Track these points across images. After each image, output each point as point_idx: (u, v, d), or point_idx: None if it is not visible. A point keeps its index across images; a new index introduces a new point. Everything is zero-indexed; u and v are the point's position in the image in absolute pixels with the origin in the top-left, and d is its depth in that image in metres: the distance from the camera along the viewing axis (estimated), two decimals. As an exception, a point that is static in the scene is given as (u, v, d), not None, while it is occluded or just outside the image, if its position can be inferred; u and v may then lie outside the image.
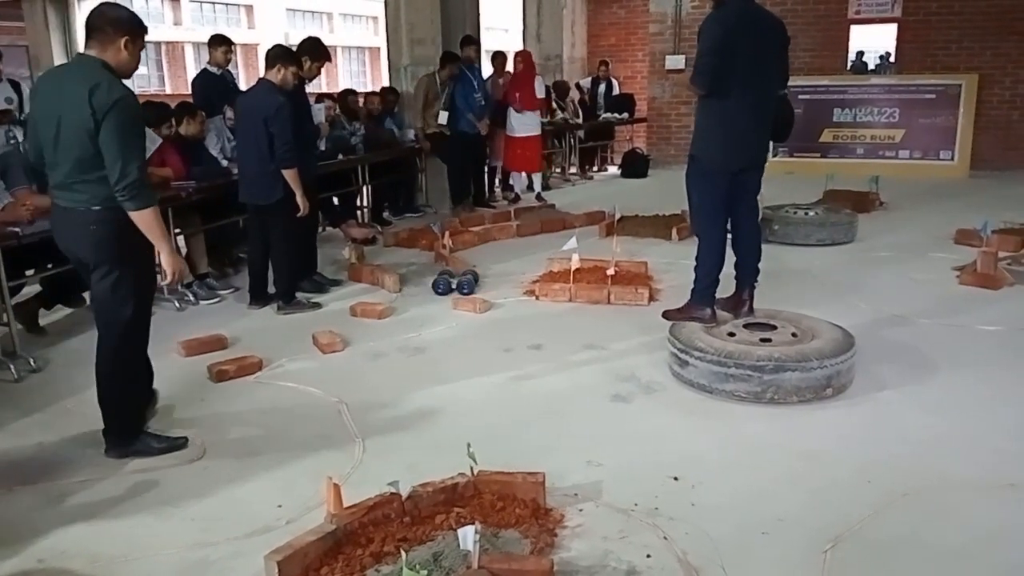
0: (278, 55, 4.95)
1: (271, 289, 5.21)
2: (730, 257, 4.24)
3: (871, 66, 11.48)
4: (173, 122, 5.63)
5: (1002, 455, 3.07)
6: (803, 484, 2.88)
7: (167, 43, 31.32)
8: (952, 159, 10.48)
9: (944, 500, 2.76)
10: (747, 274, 4.22)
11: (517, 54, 9.36)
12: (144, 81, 30.04)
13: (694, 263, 4.23)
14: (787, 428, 3.33)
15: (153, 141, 4.55)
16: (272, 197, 4.93)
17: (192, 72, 25.14)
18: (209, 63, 6.88)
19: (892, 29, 10.88)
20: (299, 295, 5.25)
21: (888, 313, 4.79)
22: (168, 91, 27.54)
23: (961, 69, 10.40)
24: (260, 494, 2.89)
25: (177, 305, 5.18)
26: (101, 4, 3.03)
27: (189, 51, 31.69)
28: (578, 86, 12.05)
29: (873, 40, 11.17)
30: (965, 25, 10.37)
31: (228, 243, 6.13)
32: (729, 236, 4.26)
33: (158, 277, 3.34)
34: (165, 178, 5.35)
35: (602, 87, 12.24)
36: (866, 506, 2.71)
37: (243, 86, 6.83)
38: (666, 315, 4.29)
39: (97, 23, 2.93)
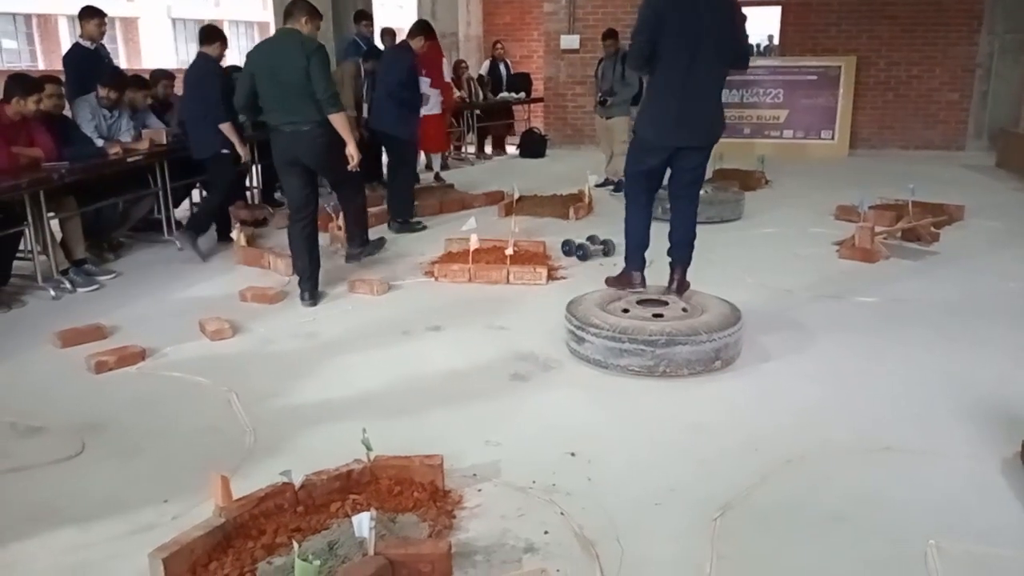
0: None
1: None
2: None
3: (756, 48, 11.84)
4: (42, 97, 5.15)
5: (878, 420, 3.24)
6: (694, 455, 2.97)
7: (38, 15, 29.29)
8: (832, 138, 10.96)
9: (826, 465, 2.89)
10: (675, 255, 4.18)
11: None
12: (14, 56, 28.07)
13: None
14: (679, 400, 3.42)
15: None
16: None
17: (67, 46, 23.56)
18: (81, 37, 6.47)
19: (776, 12, 11.26)
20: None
21: (772, 287, 4.98)
22: (41, 67, 25.81)
23: (840, 52, 10.87)
24: (144, 491, 2.75)
25: (53, 293, 4.88)
26: None
27: (63, 24, 29.73)
28: (480, 78, 11.77)
29: (758, 23, 11.52)
30: (843, 9, 10.84)
31: (106, 227, 5.82)
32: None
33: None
34: (35, 158, 5.03)
35: (501, 67, 12.13)
36: (753, 474, 2.81)
37: (121, 63, 6.47)
38: (606, 281, 4.40)
39: (290, 8, 4.61)
